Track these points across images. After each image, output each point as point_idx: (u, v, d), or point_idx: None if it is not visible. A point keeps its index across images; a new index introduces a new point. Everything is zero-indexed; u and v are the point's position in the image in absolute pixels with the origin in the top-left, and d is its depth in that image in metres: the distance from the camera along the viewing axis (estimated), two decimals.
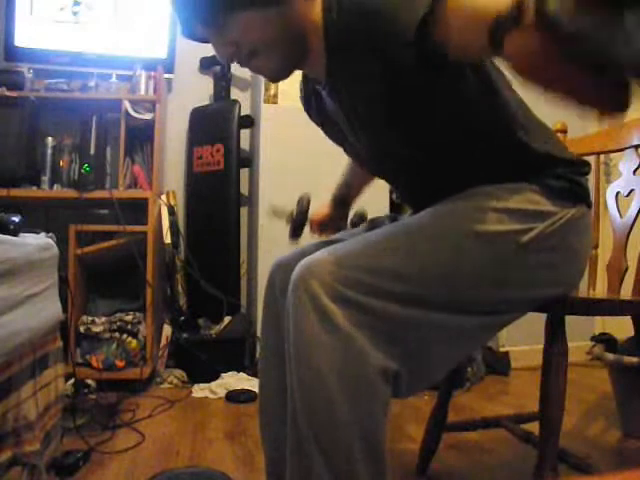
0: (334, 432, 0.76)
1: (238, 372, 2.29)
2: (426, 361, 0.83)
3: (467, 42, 0.68)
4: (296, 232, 1.24)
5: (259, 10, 0.83)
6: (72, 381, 1.75)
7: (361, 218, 1.28)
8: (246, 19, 0.84)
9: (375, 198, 1.46)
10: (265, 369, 1.03)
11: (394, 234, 0.88)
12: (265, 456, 1.04)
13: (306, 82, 1.07)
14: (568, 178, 0.92)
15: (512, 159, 0.91)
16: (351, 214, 1.32)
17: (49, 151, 2.36)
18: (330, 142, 1.23)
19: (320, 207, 1.31)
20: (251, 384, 2.17)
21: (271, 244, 2.40)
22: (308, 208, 1.24)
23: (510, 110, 0.91)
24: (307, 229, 1.28)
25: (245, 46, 0.87)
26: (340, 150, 1.27)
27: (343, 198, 1.31)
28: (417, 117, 0.88)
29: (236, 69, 2.76)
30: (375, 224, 1.13)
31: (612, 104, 0.60)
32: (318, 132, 1.16)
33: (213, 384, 2.20)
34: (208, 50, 2.90)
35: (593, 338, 1.80)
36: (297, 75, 1.00)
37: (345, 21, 0.82)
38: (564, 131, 1.42)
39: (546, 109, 0.96)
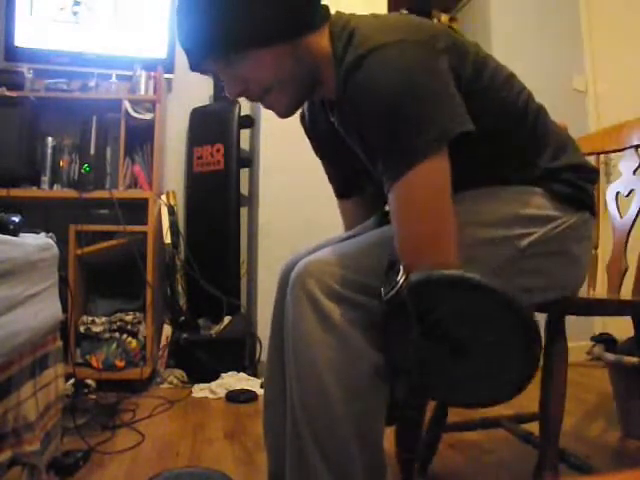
0: (331, 428, 0.77)
1: (238, 372, 2.29)
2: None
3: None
4: None
5: (270, 47, 0.82)
6: (72, 381, 1.75)
7: None
8: (258, 57, 0.82)
9: None
10: (272, 367, 1.04)
11: (393, 234, 0.87)
12: (267, 454, 1.04)
13: (311, 106, 1.06)
14: (573, 184, 0.91)
15: (524, 170, 0.91)
16: None
17: (49, 151, 2.36)
18: None
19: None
20: (251, 384, 2.18)
21: (271, 244, 2.40)
22: None
23: (529, 123, 0.90)
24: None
25: (257, 84, 0.85)
26: None
27: None
28: None
29: None
30: (383, 219, 1.13)
31: None
32: None
33: (213, 384, 2.19)
34: None
35: (593, 338, 1.80)
36: None
37: (348, 98, 0.81)
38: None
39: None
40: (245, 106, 2.72)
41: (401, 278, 0.71)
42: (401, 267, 0.72)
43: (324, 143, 1.08)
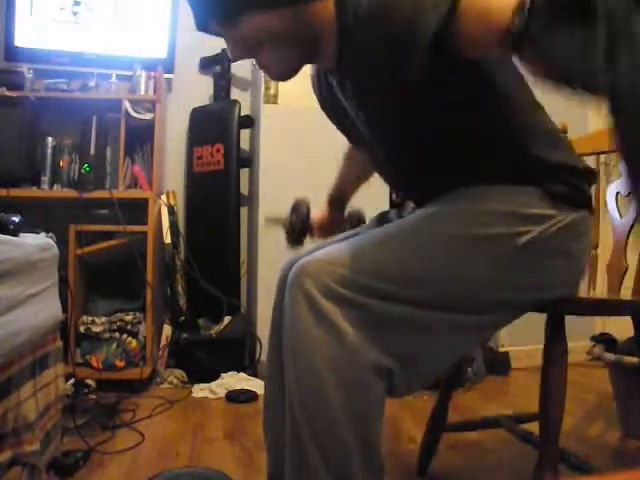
0: (330, 427, 0.77)
1: (238, 372, 2.29)
2: (420, 359, 0.83)
3: (483, 43, 0.72)
4: (298, 240, 1.22)
5: (273, 9, 0.83)
6: (72, 381, 1.75)
7: (358, 219, 1.27)
8: (260, 18, 0.83)
9: (375, 197, 1.46)
10: (271, 367, 1.04)
11: (391, 234, 0.88)
12: (267, 454, 1.05)
13: (317, 69, 1.06)
14: (571, 184, 0.91)
15: (516, 162, 0.91)
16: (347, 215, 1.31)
17: (49, 151, 2.36)
18: (330, 142, 1.23)
19: (317, 212, 1.31)
20: (251, 384, 2.18)
21: (271, 244, 2.40)
22: (309, 214, 1.22)
23: (521, 114, 0.90)
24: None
25: (257, 43, 0.86)
26: (340, 150, 1.27)
27: (339, 199, 1.31)
28: (422, 117, 0.87)
29: (236, 69, 2.77)
30: (383, 219, 1.13)
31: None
32: (318, 132, 1.16)
33: (213, 384, 2.19)
34: (208, 50, 2.88)
35: (593, 338, 1.81)
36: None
37: (362, 21, 0.81)
38: (564, 131, 1.42)
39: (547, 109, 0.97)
40: (245, 106, 2.72)
41: None
42: None
43: (328, 108, 1.08)
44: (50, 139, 2.36)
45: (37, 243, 1.23)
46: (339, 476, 0.77)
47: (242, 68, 2.77)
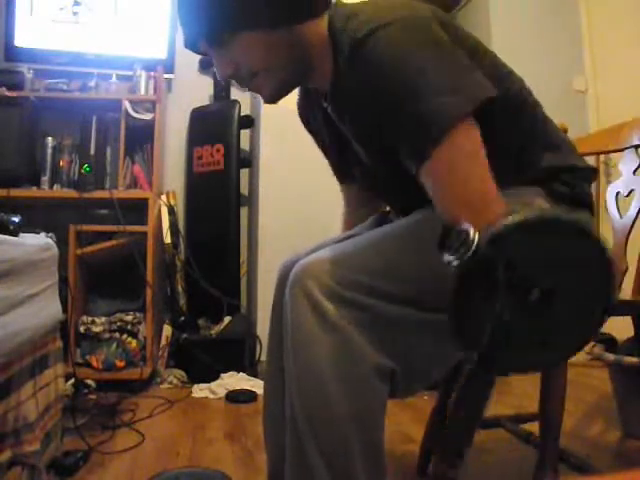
0: (331, 428, 0.77)
1: (238, 372, 2.29)
2: (422, 360, 0.83)
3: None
4: None
5: (264, 32, 0.82)
6: (72, 381, 1.75)
7: None
8: (250, 40, 0.82)
9: None
10: (270, 368, 1.04)
11: (392, 234, 0.88)
12: (267, 455, 1.04)
13: (307, 96, 1.05)
14: (571, 184, 0.91)
15: (518, 165, 0.90)
16: None
17: (49, 151, 2.36)
18: None
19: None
20: (251, 384, 2.18)
21: (271, 244, 2.40)
22: None
23: (522, 116, 0.90)
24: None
25: (247, 67, 0.85)
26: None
27: None
28: None
29: None
30: (384, 219, 1.13)
31: None
32: None
33: (213, 384, 2.20)
34: None
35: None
36: None
37: (354, 76, 0.79)
38: (564, 131, 1.42)
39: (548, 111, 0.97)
40: (245, 106, 2.72)
41: (474, 235, 0.66)
42: (467, 226, 0.67)
43: (320, 133, 1.08)
44: (50, 139, 2.37)
45: (37, 243, 1.23)
46: (340, 476, 0.77)
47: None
